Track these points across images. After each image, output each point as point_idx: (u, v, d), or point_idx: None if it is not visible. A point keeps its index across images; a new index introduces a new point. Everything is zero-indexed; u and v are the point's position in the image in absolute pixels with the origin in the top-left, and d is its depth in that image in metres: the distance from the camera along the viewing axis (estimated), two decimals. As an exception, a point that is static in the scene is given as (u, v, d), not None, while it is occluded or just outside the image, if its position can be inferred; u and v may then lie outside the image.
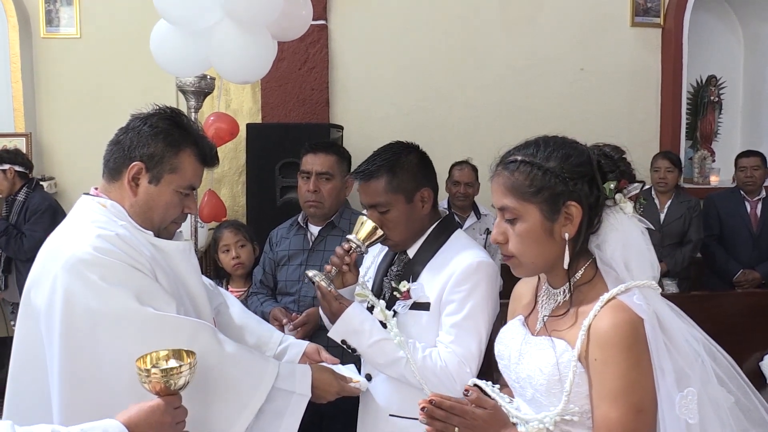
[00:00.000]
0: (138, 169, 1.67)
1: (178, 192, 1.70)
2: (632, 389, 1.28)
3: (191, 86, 3.48)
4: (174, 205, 1.72)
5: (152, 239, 1.69)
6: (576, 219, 1.38)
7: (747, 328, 3.67)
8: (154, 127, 1.69)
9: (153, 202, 1.69)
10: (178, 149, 1.69)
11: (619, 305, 1.32)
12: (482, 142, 5.07)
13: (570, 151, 1.41)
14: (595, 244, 1.42)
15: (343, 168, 2.69)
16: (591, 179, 1.39)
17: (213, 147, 1.78)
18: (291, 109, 5.01)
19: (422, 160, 2.02)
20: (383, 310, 1.91)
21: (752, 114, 5.68)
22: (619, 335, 1.30)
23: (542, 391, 1.39)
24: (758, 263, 4.48)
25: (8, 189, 4.40)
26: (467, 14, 5.20)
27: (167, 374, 1.39)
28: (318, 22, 4.78)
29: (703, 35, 5.52)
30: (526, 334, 1.49)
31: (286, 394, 1.73)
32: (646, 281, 1.37)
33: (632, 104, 5.40)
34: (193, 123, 1.78)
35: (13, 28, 4.88)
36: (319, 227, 2.69)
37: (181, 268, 1.74)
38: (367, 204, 1.98)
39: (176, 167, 1.68)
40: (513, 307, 1.64)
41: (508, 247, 1.43)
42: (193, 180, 1.73)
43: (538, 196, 1.38)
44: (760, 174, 4.53)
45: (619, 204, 1.41)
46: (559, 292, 1.46)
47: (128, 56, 4.86)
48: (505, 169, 1.45)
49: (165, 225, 1.74)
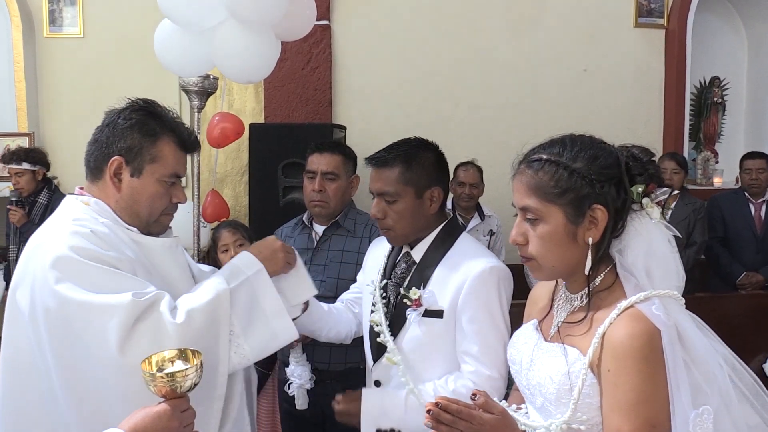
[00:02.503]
0: (118, 163, 1.64)
1: (163, 182, 1.67)
2: (646, 403, 1.23)
3: (194, 86, 3.47)
4: (160, 195, 1.67)
5: (136, 236, 1.66)
6: (601, 223, 1.33)
7: (750, 330, 3.67)
8: (128, 119, 1.65)
9: (138, 195, 1.65)
10: (156, 138, 1.65)
11: (637, 314, 1.27)
12: (485, 142, 5.08)
13: (598, 152, 1.35)
14: (616, 249, 1.37)
15: (348, 168, 2.69)
16: (618, 182, 1.34)
17: (191, 132, 1.74)
18: (294, 109, 5.01)
19: (439, 160, 2.01)
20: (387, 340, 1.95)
21: (756, 115, 5.68)
22: (635, 346, 1.24)
23: (552, 400, 1.36)
24: (762, 266, 4.47)
25: (32, 189, 4.41)
26: (471, 15, 5.20)
27: (173, 378, 1.34)
28: (321, 22, 4.78)
29: (706, 36, 5.52)
30: (539, 340, 1.45)
31: (245, 283, 1.68)
32: (668, 291, 1.31)
33: (635, 105, 5.39)
34: (169, 111, 1.72)
35: (17, 28, 4.89)
36: (324, 227, 2.69)
37: (165, 265, 1.70)
38: (377, 191, 1.96)
39: (156, 156, 1.65)
40: (529, 310, 1.59)
41: (528, 248, 1.38)
42: (175, 167, 1.69)
43: (562, 198, 1.33)
44: (765, 176, 4.52)
45: (646, 209, 1.35)
46: (577, 297, 1.41)
47: (131, 56, 4.87)
48: (529, 167, 1.38)
49: (155, 217, 1.70)
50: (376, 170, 1.96)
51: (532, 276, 1.46)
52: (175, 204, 1.72)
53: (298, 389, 2.56)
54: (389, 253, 2.11)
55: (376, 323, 2.00)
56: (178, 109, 5.31)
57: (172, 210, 1.73)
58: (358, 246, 2.61)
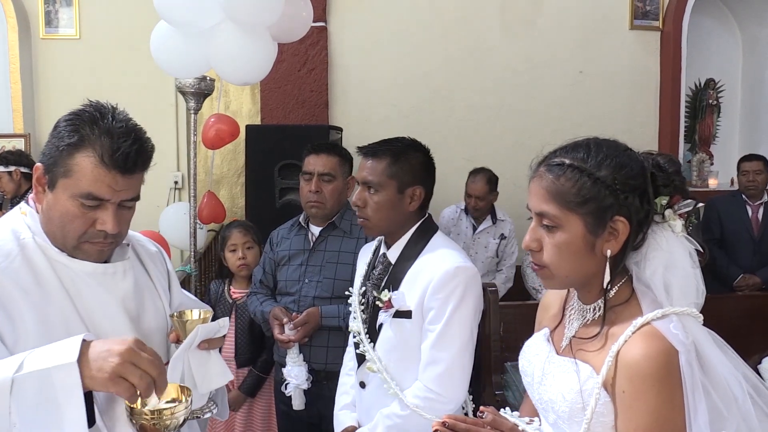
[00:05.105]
0: (39, 172, 1.41)
1: (77, 201, 1.37)
2: (663, 427, 1.18)
3: (191, 87, 3.47)
4: (72, 216, 1.37)
5: (58, 257, 1.40)
6: (622, 236, 1.26)
7: (746, 331, 3.67)
8: (60, 123, 1.43)
9: (50, 211, 1.40)
10: (75, 148, 1.37)
11: (654, 333, 1.20)
12: (482, 144, 5.09)
13: (624, 161, 1.26)
14: (634, 261, 1.30)
15: (345, 169, 2.70)
16: (643, 193, 1.26)
17: (127, 147, 1.38)
18: (290, 110, 5.01)
19: (426, 162, 2.07)
20: (368, 350, 1.98)
21: (751, 117, 5.69)
22: (652, 367, 1.18)
23: (565, 418, 1.31)
24: (759, 268, 4.47)
25: (13, 191, 4.39)
26: (467, 16, 5.21)
27: (158, 416, 1.18)
28: (318, 23, 4.78)
29: (701, 38, 5.54)
30: (550, 352, 1.39)
31: (42, 375, 1.16)
32: (687, 308, 1.25)
33: (631, 107, 5.41)
34: (120, 120, 1.42)
35: (13, 29, 4.88)
36: (320, 228, 2.69)
37: (90, 294, 1.41)
38: (361, 180, 2.02)
39: (70, 170, 1.36)
40: (540, 316, 1.53)
41: (542, 256, 1.30)
42: (90, 186, 1.36)
43: (584, 207, 1.25)
44: (762, 178, 4.52)
45: (669, 221, 1.28)
46: (590, 309, 1.34)
47: (127, 57, 4.86)
48: (550, 171, 1.29)
49: (72, 242, 1.39)
50: (364, 160, 2.03)
51: (543, 285, 1.38)
52: (100, 231, 1.39)
53: (295, 390, 2.56)
54: (370, 259, 2.15)
55: (356, 332, 2.06)
56: (174, 111, 5.34)
57: (96, 237, 1.40)
58: (354, 247, 2.61)
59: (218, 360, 1.52)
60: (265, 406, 3.12)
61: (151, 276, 1.60)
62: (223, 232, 3.28)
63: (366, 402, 2.07)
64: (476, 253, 4.31)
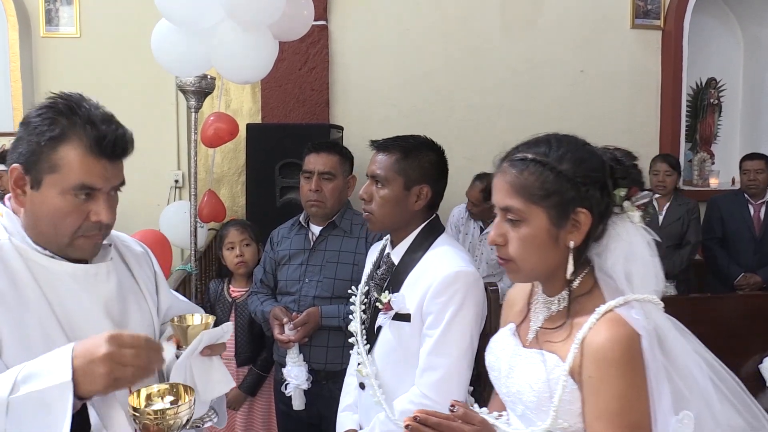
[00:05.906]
0: (18, 173, 1.34)
1: (69, 195, 1.33)
2: (629, 410, 1.21)
3: (191, 86, 3.47)
4: (66, 212, 1.33)
5: (39, 258, 1.35)
6: (584, 227, 1.30)
7: (746, 331, 3.67)
8: (30, 119, 1.37)
9: (38, 211, 1.34)
10: (58, 141, 1.32)
11: (617, 319, 1.25)
12: (482, 144, 5.08)
13: (584, 155, 1.32)
14: (595, 252, 1.35)
15: (345, 168, 2.69)
16: (603, 185, 1.31)
17: (111, 133, 1.36)
18: (291, 109, 5.00)
19: (438, 162, 2.04)
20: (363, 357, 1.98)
21: (752, 116, 5.69)
22: (616, 351, 1.22)
23: (532, 408, 1.33)
24: (760, 267, 4.47)
25: None
26: (467, 16, 5.20)
27: (161, 416, 1.18)
28: (318, 22, 4.77)
29: (703, 37, 5.53)
30: (516, 346, 1.42)
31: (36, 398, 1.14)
32: (647, 295, 1.29)
33: (632, 106, 5.40)
34: (95, 107, 1.41)
35: (13, 28, 4.87)
36: (321, 227, 2.69)
37: (70, 298, 1.36)
38: (370, 173, 2.01)
39: (56, 165, 1.32)
40: (506, 313, 1.56)
41: (508, 250, 1.34)
42: (83, 177, 1.32)
43: (547, 200, 1.29)
44: (763, 177, 4.52)
45: (627, 212, 1.33)
46: (554, 300, 1.38)
47: (128, 56, 4.85)
48: (513, 166, 1.34)
49: (65, 239, 1.36)
50: (375, 153, 2.02)
51: (510, 278, 1.44)
52: (95, 223, 1.35)
53: (295, 390, 2.56)
54: (376, 258, 2.13)
55: (353, 333, 2.04)
56: (175, 109, 5.34)
57: (91, 230, 1.36)
58: (354, 246, 2.61)
59: (220, 367, 1.49)
60: (265, 405, 3.12)
61: (136, 278, 1.54)
62: (221, 231, 3.29)
63: (366, 403, 2.06)
64: (482, 253, 4.30)
